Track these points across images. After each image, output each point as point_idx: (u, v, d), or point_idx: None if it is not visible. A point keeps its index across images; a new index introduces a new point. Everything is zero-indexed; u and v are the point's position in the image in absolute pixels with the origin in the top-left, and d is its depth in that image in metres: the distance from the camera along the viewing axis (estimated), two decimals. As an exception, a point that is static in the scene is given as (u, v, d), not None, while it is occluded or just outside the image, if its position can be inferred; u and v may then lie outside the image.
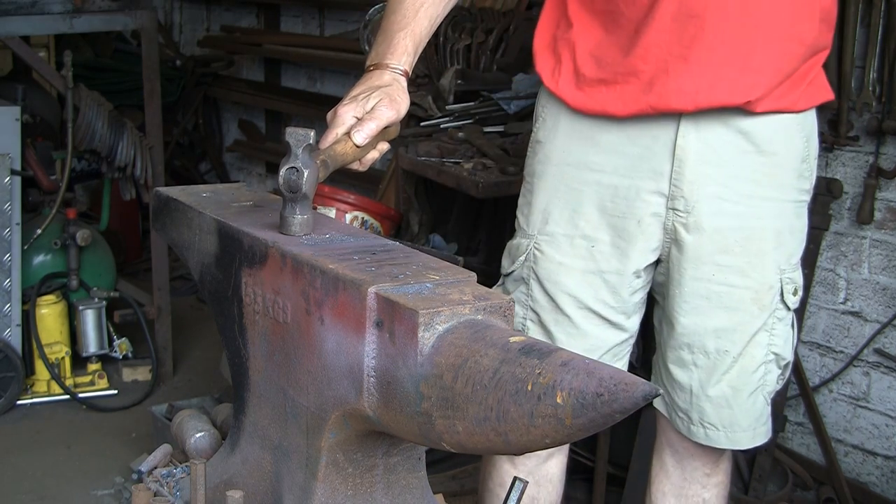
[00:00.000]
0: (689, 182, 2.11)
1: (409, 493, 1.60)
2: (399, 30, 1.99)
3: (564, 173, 2.20)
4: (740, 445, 2.27)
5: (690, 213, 2.13)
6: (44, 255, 4.48)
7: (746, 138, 2.11)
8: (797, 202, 2.19)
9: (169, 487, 1.89)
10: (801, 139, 2.16)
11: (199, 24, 7.12)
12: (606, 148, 2.15)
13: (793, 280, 2.20)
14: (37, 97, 5.04)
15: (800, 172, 2.17)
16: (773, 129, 2.12)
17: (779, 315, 2.21)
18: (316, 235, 1.66)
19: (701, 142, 2.10)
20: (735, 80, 2.05)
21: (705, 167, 2.11)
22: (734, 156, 2.11)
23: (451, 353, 1.34)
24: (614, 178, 2.16)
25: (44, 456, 3.97)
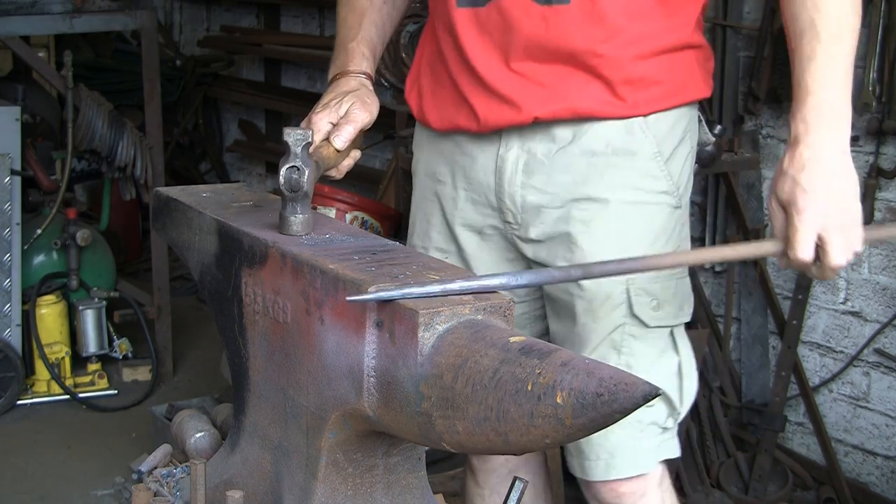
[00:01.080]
0: (509, 195, 2.02)
1: (409, 493, 1.60)
2: (350, 40, 2.06)
3: (423, 184, 2.19)
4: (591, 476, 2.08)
5: (521, 225, 2.03)
6: (44, 255, 4.48)
7: (571, 143, 1.97)
8: (644, 203, 1.99)
9: (169, 487, 1.89)
10: (643, 138, 1.97)
11: (199, 24, 7.12)
12: (446, 158, 2.11)
13: (649, 292, 1.99)
14: (37, 97, 5.04)
15: (645, 172, 1.98)
16: (599, 132, 1.97)
17: (631, 332, 2.00)
18: (316, 235, 1.66)
19: (522, 151, 2.00)
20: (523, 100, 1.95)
21: (526, 177, 2.00)
22: (559, 161, 1.98)
23: (451, 353, 1.34)
24: (453, 189, 2.11)
25: (44, 456, 3.97)
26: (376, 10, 2.10)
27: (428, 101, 2.13)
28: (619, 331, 2.00)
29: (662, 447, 2.09)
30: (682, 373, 2.06)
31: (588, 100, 1.95)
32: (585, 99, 1.94)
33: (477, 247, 2.11)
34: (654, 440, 2.07)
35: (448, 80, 2.07)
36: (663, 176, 2.00)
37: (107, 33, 6.32)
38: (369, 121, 1.93)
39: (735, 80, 3.65)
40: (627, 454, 2.05)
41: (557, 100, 1.95)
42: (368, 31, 2.06)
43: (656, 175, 2.00)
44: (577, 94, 1.94)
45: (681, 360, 2.06)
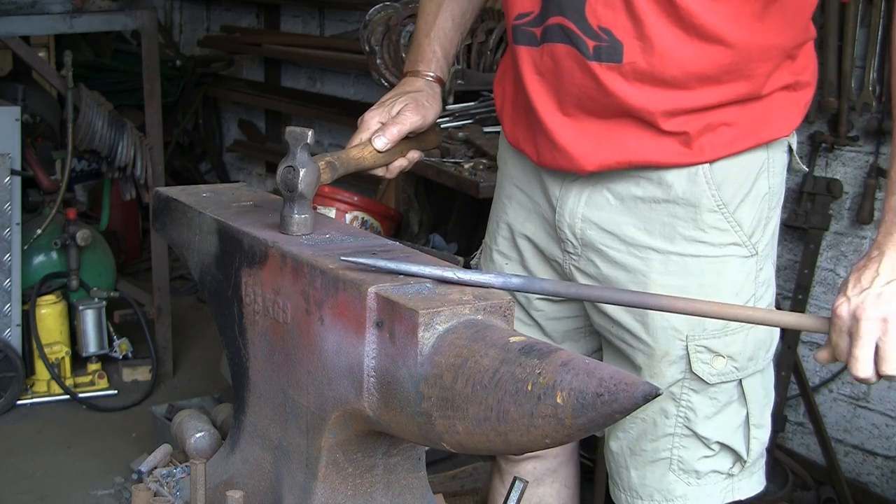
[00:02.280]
0: (568, 225, 1.96)
1: (409, 493, 1.60)
2: (424, 35, 2.01)
3: (501, 186, 2.14)
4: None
5: (581, 256, 1.97)
6: (44, 255, 4.48)
7: (638, 184, 1.89)
8: (704, 257, 1.90)
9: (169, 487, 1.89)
10: (703, 188, 1.87)
11: (199, 24, 7.12)
12: (520, 173, 2.06)
13: (710, 349, 1.91)
14: (37, 97, 5.04)
15: (710, 224, 1.88)
16: (670, 179, 1.87)
17: (692, 386, 1.93)
18: (316, 235, 1.66)
19: (585, 187, 1.93)
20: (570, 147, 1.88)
21: (589, 210, 1.93)
22: (625, 201, 1.91)
23: (451, 353, 1.34)
24: (523, 209, 2.06)
25: (44, 456, 3.97)
26: (455, 1, 2.03)
27: (507, 114, 2.05)
28: (678, 385, 1.94)
29: (727, 491, 2.03)
30: (749, 423, 1.99)
31: (648, 150, 1.85)
32: (645, 149, 1.85)
33: (537, 261, 2.06)
34: (715, 486, 2.02)
35: (522, 103, 1.98)
36: (730, 227, 1.90)
37: (107, 33, 6.32)
38: (421, 124, 1.88)
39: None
40: (680, 497, 2.01)
41: (611, 152, 1.86)
42: (443, 25, 1.98)
43: (722, 227, 1.90)
44: (635, 145, 1.85)
45: (748, 410, 1.98)
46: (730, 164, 1.88)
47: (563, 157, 1.90)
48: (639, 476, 2.01)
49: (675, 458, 1.98)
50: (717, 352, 1.92)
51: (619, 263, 1.93)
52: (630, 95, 1.81)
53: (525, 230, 2.07)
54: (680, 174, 1.86)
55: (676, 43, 1.78)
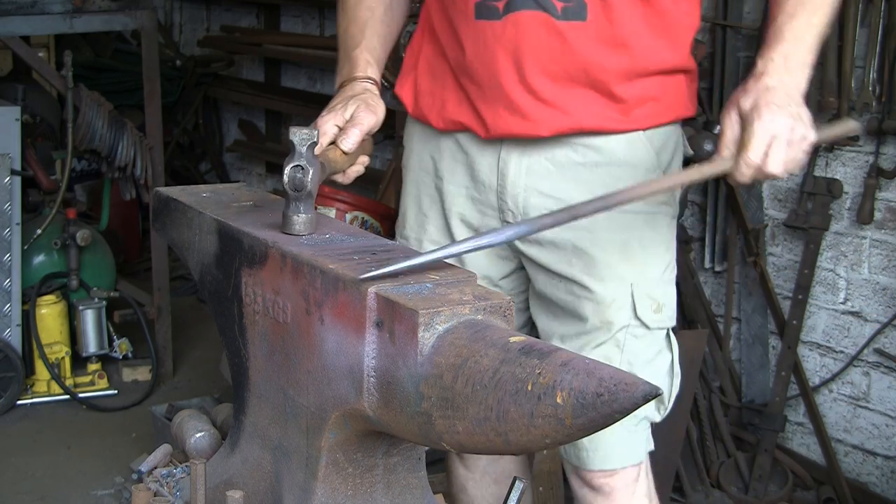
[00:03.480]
0: (511, 196, 2.08)
1: (409, 493, 1.60)
2: (354, 47, 2.08)
3: (418, 178, 2.23)
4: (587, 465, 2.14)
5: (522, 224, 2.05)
6: (44, 255, 4.48)
7: (574, 151, 2.05)
8: (647, 213, 2.07)
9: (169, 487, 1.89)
10: (648, 152, 2.06)
11: (199, 24, 7.12)
12: (445, 155, 2.16)
13: (651, 296, 2.08)
14: (37, 97, 5.04)
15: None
16: (601, 145, 2.04)
17: (634, 332, 2.08)
18: (316, 235, 1.66)
19: (524, 154, 2.06)
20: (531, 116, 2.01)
21: (529, 179, 2.06)
22: (561, 167, 2.06)
23: (451, 353, 1.34)
24: (452, 185, 2.16)
25: (44, 456, 3.97)
26: (377, 20, 2.12)
27: (426, 100, 2.15)
28: (624, 331, 2.08)
29: (650, 439, 2.19)
30: (673, 371, 2.16)
31: (595, 117, 2.02)
32: (592, 116, 2.02)
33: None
34: (645, 433, 2.17)
35: (453, 83, 2.10)
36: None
37: (107, 33, 6.32)
38: (375, 123, 1.94)
39: (735, 80, 3.65)
40: (623, 446, 2.13)
41: (566, 118, 2.01)
42: (371, 41, 2.08)
43: None
44: (585, 110, 2.02)
45: (672, 357, 2.16)
46: (660, 133, 2.08)
47: (520, 123, 2.02)
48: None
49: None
50: (656, 299, 2.09)
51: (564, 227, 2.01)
52: (591, 54, 1.98)
53: (461, 214, 2.16)
54: (619, 140, 2.04)
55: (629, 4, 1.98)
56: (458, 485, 2.41)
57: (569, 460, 2.18)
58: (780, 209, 3.64)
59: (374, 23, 2.11)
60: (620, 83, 2.02)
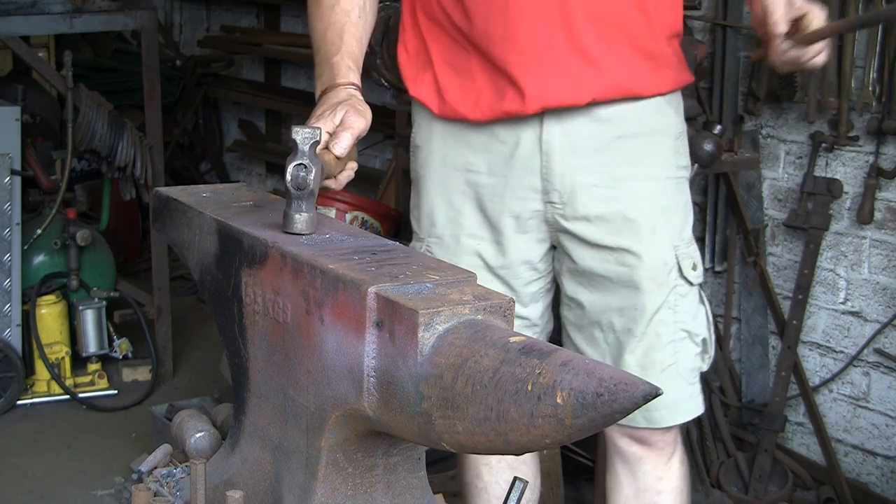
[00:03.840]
0: (558, 175, 2.16)
1: (409, 493, 1.60)
2: (334, 53, 2.06)
3: (444, 175, 2.25)
4: (658, 423, 2.27)
5: (567, 204, 2.17)
6: (44, 255, 4.48)
7: (613, 124, 2.15)
8: (676, 178, 2.23)
9: (169, 487, 1.89)
10: (672, 117, 2.21)
11: (199, 24, 7.12)
12: (478, 148, 2.20)
13: (689, 255, 2.24)
14: (37, 97, 5.04)
15: (675, 149, 2.22)
16: (637, 113, 2.16)
17: (681, 291, 2.23)
18: (316, 235, 1.66)
19: (566, 134, 2.14)
20: (578, 77, 2.09)
21: (573, 158, 2.15)
22: (601, 143, 2.15)
23: (451, 353, 1.34)
24: (488, 177, 2.21)
25: (44, 456, 3.97)
26: (353, 23, 2.12)
27: (456, 95, 2.18)
28: (674, 292, 2.22)
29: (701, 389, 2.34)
30: (709, 321, 2.31)
31: (632, 78, 2.12)
32: (631, 77, 2.12)
33: (514, 231, 2.22)
34: (699, 385, 2.32)
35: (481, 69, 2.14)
36: (684, 152, 2.25)
37: (107, 33, 6.32)
38: (365, 127, 1.93)
39: (735, 80, 3.65)
40: (686, 398, 2.29)
41: (609, 77, 2.10)
42: (350, 45, 2.08)
43: (681, 151, 2.24)
44: (625, 70, 2.12)
45: (707, 310, 2.31)
46: (676, 97, 2.23)
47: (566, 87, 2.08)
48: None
49: (678, 361, 2.24)
50: (692, 257, 2.24)
51: (607, 198, 2.16)
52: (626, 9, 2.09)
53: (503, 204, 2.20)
54: (649, 105, 2.15)
55: None
56: (473, 471, 2.43)
57: (636, 424, 2.26)
58: (780, 209, 3.64)
59: (350, 27, 2.10)
60: (652, 41, 2.13)
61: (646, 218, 2.18)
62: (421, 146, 2.30)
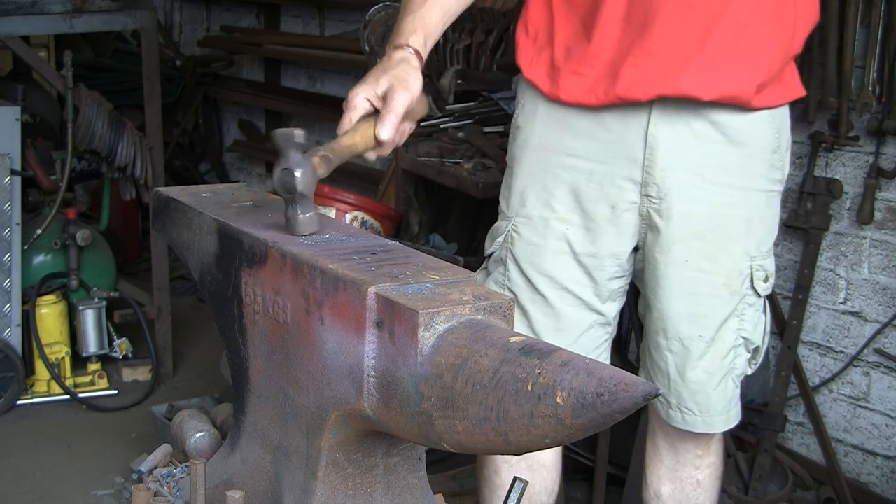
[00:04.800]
0: (660, 169, 2.17)
1: (409, 493, 1.60)
2: (407, 14, 2.03)
3: (541, 157, 2.26)
4: (715, 429, 2.33)
5: (663, 199, 2.19)
6: (44, 255, 4.48)
7: (717, 128, 2.17)
8: (768, 192, 2.25)
9: (169, 487, 1.89)
10: (772, 132, 2.22)
11: (199, 24, 7.11)
12: (581, 133, 2.21)
13: (763, 267, 2.26)
14: (37, 97, 5.04)
15: (770, 163, 2.24)
16: (744, 122, 2.18)
17: (749, 301, 2.26)
18: (316, 235, 1.66)
19: (672, 130, 2.16)
20: (700, 74, 2.11)
21: (676, 154, 2.17)
22: (705, 144, 2.17)
23: (451, 353, 1.34)
24: (588, 163, 2.21)
25: (44, 456, 3.97)
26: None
27: (569, 80, 2.19)
28: (743, 301, 2.26)
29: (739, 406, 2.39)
30: (765, 330, 2.36)
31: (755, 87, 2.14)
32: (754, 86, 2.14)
33: (607, 220, 2.23)
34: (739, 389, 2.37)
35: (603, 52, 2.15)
36: (780, 167, 2.27)
37: (107, 33, 6.32)
38: (411, 101, 1.87)
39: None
40: (736, 403, 2.35)
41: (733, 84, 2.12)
42: (430, 10, 2.03)
43: (776, 165, 2.26)
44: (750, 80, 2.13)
45: (767, 320, 2.35)
46: (780, 113, 2.24)
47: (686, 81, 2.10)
48: (717, 394, 2.28)
49: (735, 367, 2.30)
50: (766, 269, 2.28)
51: (699, 199, 2.19)
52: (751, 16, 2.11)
53: (600, 191, 2.21)
54: (751, 119, 2.18)
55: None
56: (492, 466, 2.45)
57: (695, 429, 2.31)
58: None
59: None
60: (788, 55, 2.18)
61: (731, 226, 2.21)
62: (522, 127, 2.30)
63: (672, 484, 2.40)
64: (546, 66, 2.23)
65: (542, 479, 2.43)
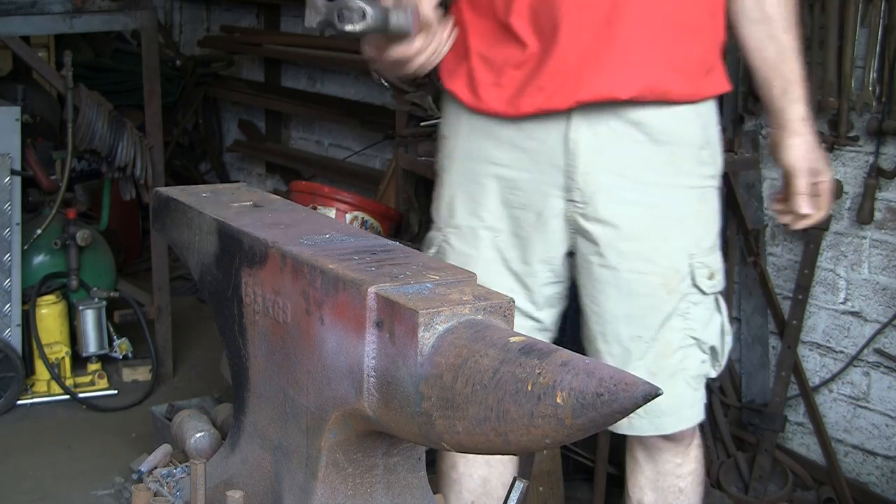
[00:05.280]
0: (582, 174, 2.16)
1: (409, 493, 1.60)
2: None
3: (467, 167, 2.26)
4: (664, 430, 2.31)
5: (588, 203, 2.18)
6: (44, 255, 4.48)
7: (639, 129, 2.15)
8: (700, 188, 2.23)
9: (169, 487, 1.89)
10: (698, 127, 2.21)
11: (199, 24, 7.11)
12: (504, 142, 2.21)
13: (706, 264, 2.24)
14: (37, 97, 5.04)
15: (699, 160, 2.22)
16: (666, 119, 2.16)
17: (693, 300, 2.24)
18: (316, 236, 1.66)
19: (593, 134, 2.15)
20: (615, 76, 2.09)
21: (598, 158, 2.16)
22: (627, 146, 2.16)
23: (451, 353, 1.34)
24: (513, 171, 2.21)
25: (44, 456, 3.97)
26: None
27: (489, 92, 2.19)
28: (685, 300, 2.23)
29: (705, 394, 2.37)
30: (723, 330, 2.32)
31: (674, 83, 2.13)
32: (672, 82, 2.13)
33: (534, 227, 2.23)
34: (703, 390, 2.34)
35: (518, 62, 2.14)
36: (711, 162, 2.25)
37: (107, 33, 6.31)
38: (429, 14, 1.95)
39: (735, 80, 3.65)
40: (690, 404, 2.32)
41: (648, 80, 2.11)
42: None
43: (707, 161, 2.24)
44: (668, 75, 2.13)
45: (723, 319, 2.31)
46: (707, 107, 2.22)
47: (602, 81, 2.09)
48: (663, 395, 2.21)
49: (685, 368, 2.27)
50: (710, 266, 2.24)
51: (626, 201, 2.17)
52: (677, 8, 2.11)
53: (526, 199, 2.21)
54: (674, 113, 2.15)
55: None
56: (449, 461, 2.44)
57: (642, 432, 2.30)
58: (780, 209, 3.64)
59: None
60: (712, 49, 2.17)
61: (664, 226, 2.19)
62: (448, 137, 2.31)
63: (654, 493, 2.40)
64: (465, 78, 2.23)
65: (500, 474, 2.44)
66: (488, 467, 2.40)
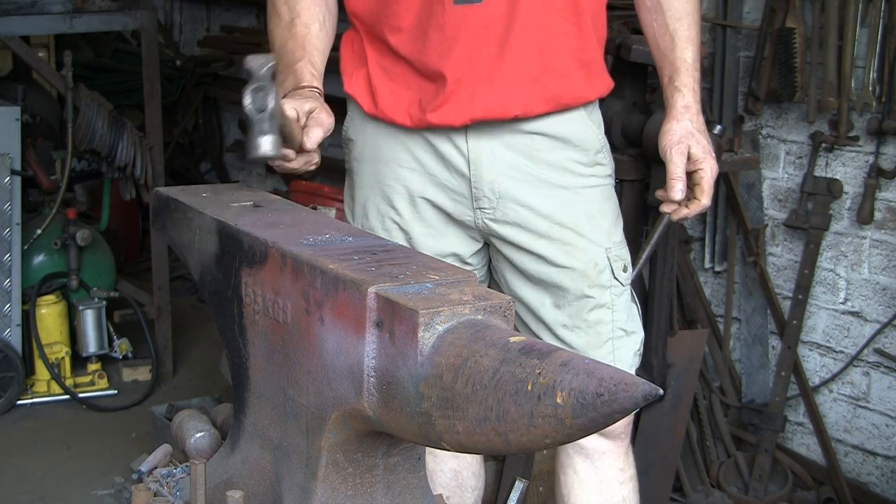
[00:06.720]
0: (487, 183, 2.19)
1: (409, 493, 1.60)
2: (296, 62, 2.10)
3: (377, 169, 2.28)
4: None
5: (497, 208, 2.21)
6: (44, 255, 4.48)
7: (536, 137, 2.19)
8: (601, 186, 2.28)
9: (169, 487, 1.89)
10: (594, 126, 2.26)
11: (199, 24, 7.11)
12: (410, 147, 2.23)
13: (620, 257, 2.29)
14: (37, 97, 5.04)
15: (596, 161, 2.26)
16: (561, 124, 2.20)
17: (615, 292, 2.29)
18: (316, 235, 1.67)
19: (490, 147, 2.18)
20: (507, 91, 2.13)
21: (499, 167, 2.18)
22: (525, 155, 2.19)
23: (451, 353, 1.34)
24: (421, 175, 2.23)
25: (44, 456, 3.97)
26: (314, 35, 2.15)
27: (388, 100, 2.20)
28: (609, 292, 2.28)
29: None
30: (640, 318, 2.39)
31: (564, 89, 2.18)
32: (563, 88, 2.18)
33: (445, 224, 2.26)
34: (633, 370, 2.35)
35: (415, 79, 2.17)
36: (606, 163, 2.30)
37: (107, 33, 6.31)
38: (330, 126, 1.98)
39: (735, 80, 3.65)
40: None
41: (540, 92, 2.15)
42: (312, 55, 2.12)
43: (602, 162, 2.29)
44: (558, 83, 2.17)
45: (637, 308, 2.39)
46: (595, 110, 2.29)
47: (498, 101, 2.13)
48: None
49: (618, 359, 2.29)
50: (623, 259, 2.30)
51: (533, 205, 2.21)
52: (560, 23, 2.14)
53: (426, 195, 2.24)
54: (573, 116, 2.21)
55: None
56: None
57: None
58: (780, 209, 3.64)
59: (311, 38, 2.14)
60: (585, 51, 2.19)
61: (573, 223, 2.23)
62: (354, 140, 2.31)
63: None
64: (364, 82, 2.24)
65: (469, 464, 2.46)
66: (456, 459, 2.42)
